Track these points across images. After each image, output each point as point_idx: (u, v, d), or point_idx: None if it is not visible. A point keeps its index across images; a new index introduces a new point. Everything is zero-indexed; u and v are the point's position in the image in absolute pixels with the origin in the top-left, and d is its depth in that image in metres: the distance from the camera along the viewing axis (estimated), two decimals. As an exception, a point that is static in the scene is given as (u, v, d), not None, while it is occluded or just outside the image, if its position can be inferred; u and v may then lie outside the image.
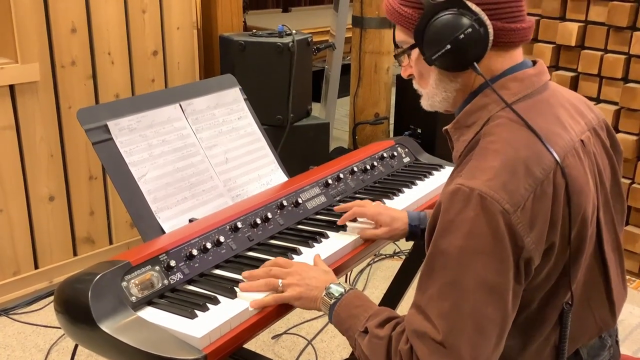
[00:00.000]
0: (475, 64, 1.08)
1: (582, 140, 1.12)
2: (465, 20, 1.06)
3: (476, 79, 1.13)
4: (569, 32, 2.86)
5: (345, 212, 1.51)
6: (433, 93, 1.17)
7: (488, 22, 1.06)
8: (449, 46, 1.07)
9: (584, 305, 1.17)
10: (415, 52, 1.15)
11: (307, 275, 1.22)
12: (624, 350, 1.35)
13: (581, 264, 1.12)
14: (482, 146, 1.07)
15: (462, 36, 1.06)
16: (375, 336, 1.09)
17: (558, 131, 1.09)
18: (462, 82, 1.14)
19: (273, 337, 2.47)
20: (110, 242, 2.91)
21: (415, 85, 1.21)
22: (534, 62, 1.16)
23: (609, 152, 1.21)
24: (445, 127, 1.19)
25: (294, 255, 1.36)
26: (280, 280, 1.22)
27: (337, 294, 1.17)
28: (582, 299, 1.16)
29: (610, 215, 1.20)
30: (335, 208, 1.54)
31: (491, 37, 1.07)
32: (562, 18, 2.92)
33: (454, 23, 1.06)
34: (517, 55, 1.14)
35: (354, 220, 1.51)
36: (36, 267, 2.68)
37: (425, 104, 1.21)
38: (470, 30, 1.06)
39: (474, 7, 1.06)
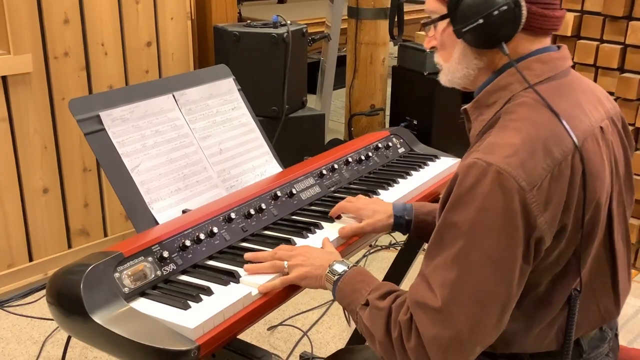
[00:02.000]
0: (503, 43, 1.08)
1: (601, 127, 1.12)
2: None
3: (501, 59, 1.12)
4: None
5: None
6: (455, 68, 1.16)
7: (524, 3, 1.06)
8: (481, 21, 1.07)
9: (589, 294, 1.17)
10: (444, 24, 1.14)
11: (311, 256, 1.24)
12: (620, 340, 1.35)
13: (591, 250, 1.12)
14: (502, 123, 1.07)
15: (496, 13, 1.05)
16: (375, 307, 1.10)
17: (579, 115, 1.09)
18: (487, 61, 1.14)
19: (268, 329, 2.47)
20: (105, 235, 2.91)
21: (437, 58, 1.20)
22: (559, 47, 1.16)
23: (624, 144, 1.21)
24: (464, 107, 1.18)
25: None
26: (285, 262, 1.24)
27: (340, 271, 1.19)
28: (588, 287, 1.16)
29: (622, 206, 1.20)
30: (330, 214, 1.51)
31: (524, 19, 1.07)
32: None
33: None
34: (545, 41, 1.14)
35: (339, 217, 1.50)
36: (31, 260, 2.67)
37: (444, 78, 1.20)
38: (505, 8, 1.05)
39: None
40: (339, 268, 1.20)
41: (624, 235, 1.22)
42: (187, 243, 1.28)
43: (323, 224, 1.45)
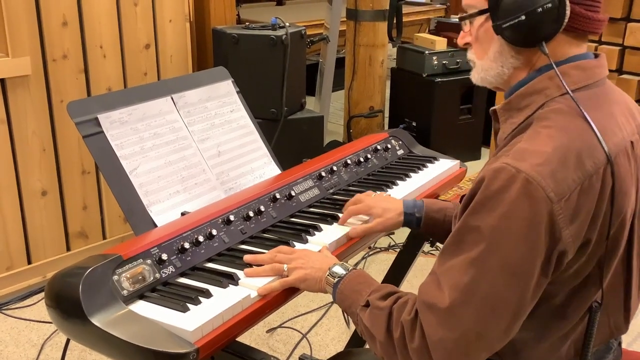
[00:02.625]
0: (543, 43, 1.05)
1: (632, 142, 1.10)
2: None
3: (538, 60, 1.09)
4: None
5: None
6: (489, 66, 1.13)
7: (568, 3, 1.03)
8: (523, 17, 1.04)
9: (602, 309, 1.14)
10: (481, 19, 1.11)
11: (310, 259, 1.24)
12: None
13: (612, 265, 1.10)
14: (535, 129, 1.04)
15: (539, 10, 1.03)
16: (376, 307, 1.09)
17: (612, 128, 1.06)
18: (523, 60, 1.10)
19: (268, 331, 2.46)
20: (104, 237, 2.90)
21: (470, 54, 1.17)
22: (596, 55, 1.13)
23: None
24: (493, 108, 1.15)
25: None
26: (285, 265, 1.23)
27: (340, 273, 1.19)
28: (603, 302, 1.14)
29: None
30: (339, 222, 1.49)
31: (566, 20, 1.04)
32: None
33: None
34: (583, 46, 1.11)
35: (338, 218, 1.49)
36: (29, 262, 2.67)
37: (476, 76, 1.16)
38: (549, 5, 1.02)
39: None
40: (339, 270, 1.19)
41: None
42: (186, 245, 1.27)
43: (322, 226, 1.45)
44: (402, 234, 2.14)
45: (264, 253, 1.30)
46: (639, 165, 1.12)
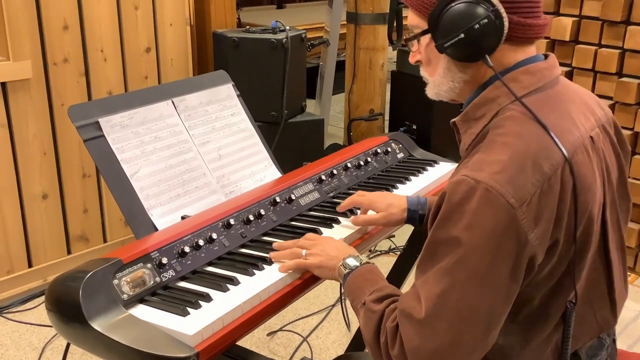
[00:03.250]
0: (487, 56, 1.07)
1: (591, 137, 1.11)
2: (482, 11, 1.04)
3: (487, 71, 1.11)
4: (563, 26, 2.86)
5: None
6: (440, 82, 1.15)
7: (505, 14, 1.05)
8: (462, 35, 1.06)
9: (586, 304, 1.16)
10: (427, 38, 1.13)
11: (329, 247, 1.28)
12: (619, 344, 1.35)
13: (586, 262, 1.11)
14: (490, 138, 1.05)
15: (477, 26, 1.04)
16: (369, 310, 1.11)
17: (568, 127, 1.07)
18: (472, 74, 1.13)
19: (268, 334, 2.46)
20: (105, 240, 2.90)
21: (422, 72, 1.19)
22: (546, 56, 1.15)
23: (616, 150, 1.20)
24: (453, 120, 1.17)
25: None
26: (304, 250, 1.28)
27: (352, 265, 1.21)
28: (585, 298, 1.15)
29: (615, 214, 1.19)
30: (339, 208, 1.53)
31: (506, 31, 1.06)
32: (557, 13, 2.92)
33: (470, 12, 1.05)
34: (531, 50, 1.13)
35: (350, 211, 1.51)
36: (30, 266, 2.67)
37: (431, 92, 1.19)
38: (486, 21, 1.04)
39: None
40: (352, 262, 1.22)
41: (619, 242, 1.21)
42: (186, 249, 1.28)
43: (322, 229, 1.45)
44: (403, 237, 2.14)
45: (260, 256, 1.32)
46: (602, 158, 1.13)
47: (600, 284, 1.18)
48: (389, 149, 1.89)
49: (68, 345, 1.36)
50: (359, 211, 1.52)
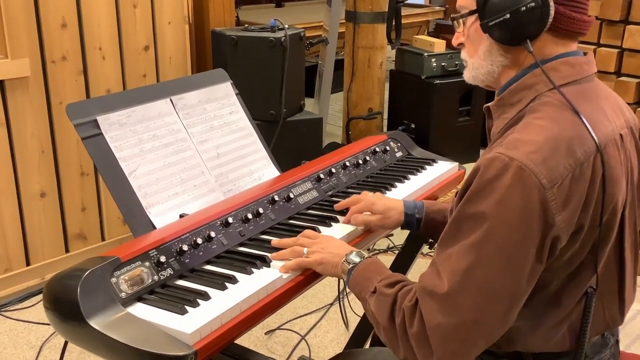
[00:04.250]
0: (528, 41, 1.09)
1: (621, 135, 1.13)
2: None
3: (526, 59, 1.13)
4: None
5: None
6: (479, 64, 1.17)
7: (552, 3, 1.07)
8: (507, 15, 1.08)
9: (596, 298, 1.16)
10: (472, 19, 1.15)
11: (330, 245, 1.29)
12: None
13: (605, 252, 1.13)
14: (526, 121, 1.07)
15: (523, 9, 1.06)
16: (382, 294, 1.12)
17: (602, 120, 1.10)
18: (512, 59, 1.14)
19: (266, 333, 2.46)
20: (103, 239, 2.90)
21: (463, 54, 1.21)
22: (585, 54, 1.17)
23: (639, 154, 1.21)
24: (487, 105, 1.19)
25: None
26: (305, 249, 1.28)
27: (356, 260, 1.22)
28: (597, 292, 1.16)
29: (634, 215, 1.20)
30: (336, 206, 1.53)
31: (550, 19, 1.07)
32: (555, 12, 2.91)
33: None
34: (572, 45, 1.14)
35: (338, 217, 1.50)
36: (28, 264, 2.67)
37: (468, 75, 1.21)
38: (532, 4, 1.06)
39: None
40: (355, 258, 1.23)
41: (633, 244, 1.22)
42: (185, 248, 1.27)
43: (321, 228, 1.45)
44: (401, 236, 2.15)
45: (258, 255, 1.32)
46: (629, 157, 1.15)
47: (612, 281, 1.19)
48: (388, 148, 1.89)
49: (66, 344, 1.36)
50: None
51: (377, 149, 1.85)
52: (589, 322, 1.14)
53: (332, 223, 1.48)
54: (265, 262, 1.30)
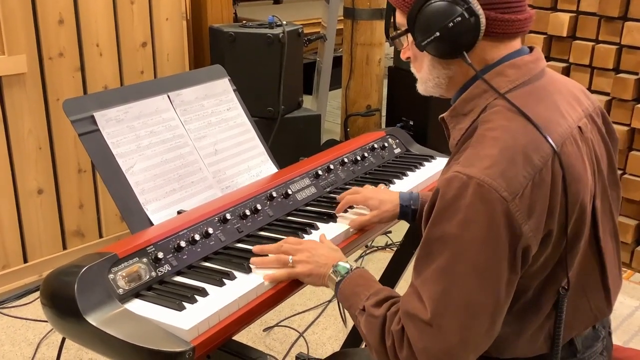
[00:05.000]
0: (465, 53, 1.07)
1: (579, 127, 1.12)
2: (456, 8, 1.04)
3: (470, 68, 1.11)
4: (560, 22, 2.86)
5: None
6: (427, 78, 1.17)
7: (480, 11, 1.05)
8: (437, 34, 1.06)
9: (579, 292, 1.17)
10: (410, 36, 1.14)
11: (316, 253, 1.25)
12: (615, 340, 1.35)
13: (578, 250, 1.12)
14: (479, 133, 1.06)
15: (451, 24, 1.05)
16: (371, 315, 1.11)
17: (556, 118, 1.08)
18: (456, 70, 1.13)
19: (264, 330, 2.46)
20: (100, 236, 2.89)
21: (412, 68, 1.21)
22: (531, 49, 1.15)
23: (605, 139, 1.21)
24: (441, 115, 1.18)
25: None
26: (290, 257, 1.25)
27: (343, 272, 1.20)
28: (578, 286, 1.16)
29: (607, 202, 1.19)
30: (336, 211, 1.52)
31: (482, 27, 1.06)
32: (554, 8, 2.91)
33: (444, 10, 1.05)
34: (514, 44, 1.12)
35: (347, 209, 1.51)
36: (25, 261, 2.66)
37: (420, 88, 1.21)
38: (459, 19, 1.04)
39: None
40: (342, 269, 1.21)
41: (612, 230, 1.21)
42: (182, 244, 1.27)
43: (319, 224, 1.45)
44: (399, 233, 2.14)
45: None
46: (591, 148, 1.14)
47: (593, 272, 1.19)
48: (386, 144, 1.88)
49: (63, 340, 1.35)
50: (349, 209, 1.52)
51: (375, 146, 1.85)
52: (562, 325, 1.13)
53: (330, 219, 1.48)
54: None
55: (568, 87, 1.18)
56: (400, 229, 1.55)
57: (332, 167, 1.68)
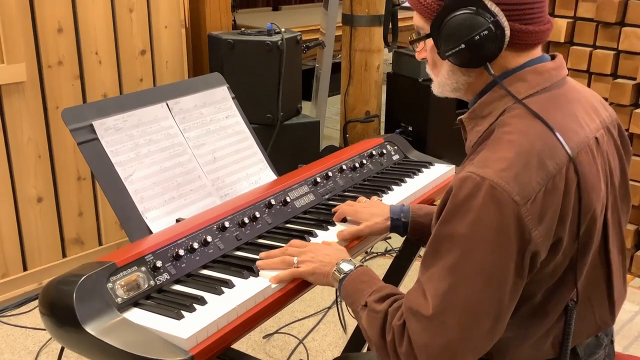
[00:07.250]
0: (488, 64, 1.08)
1: (596, 138, 1.12)
2: (483, 21, 1.05)
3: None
4: (558, 28, 2.87)
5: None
6: (444, 82, 1.16)
7: (506, 24, 1.05)
8: (463, 45, 1.06)
9: (585, 303, 1.17)
10: (431, 41, 1.14)
11: (320, 253, 1.27)
12: (615, 345, 1.35)
13: (587, 260, 1.12)
14: (496, 136, 1.06)
15: (477, 37, 1.05)
16: (372, 310, 1.11)
17: (573, 127, 1.08)
18: (475, 77, 1.13)
19: (264, 337, 2.46)
20: (100, 243, 2.89)
21: (428, 70, 1.21)
22: (553, 57, 1.16)
23: (619, 152, 1.21)
24: (460, 117, 1.18)
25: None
26: (295, 258, 1.26)
27: (346, 270, 1.21)
28: (584, 297, 1.16)
29: (617, 215, 1.19)
30: (334, 219, 1.52)
31: (507, 40, 1.06)
32: (551, 14, 2.92)
33: (471, 23, 1.05)
34: (535, 52, 1.13)
35: (344, 220, 1.51)
36: (25, 269, 2.66)
37: (436, 90, 1.20)
38: (486, 32, 1.05)
39: (493, 7, 1.05)
40: (346, 267, 1.22)
41: (619, 243, 1.22)
42: (181, 252, 1.27)
43: (317, 232, 1.45)
44: (398, 239, 2.15)
45: (255, 259, 1.31)
46: (606, 160, 1.14)
47: (600, 283, 1.19)
48: (385, 151, 1.89)
49: (62, 349, 1.35)
50: (344, 221, 1.52)
51: (374, 152, 1.85)
52: (570, 335, 1.14)
53: (329, 227, 1.48)
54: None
55: (587, 97, 1.19)
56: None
57: (330, 174, 1.69)
